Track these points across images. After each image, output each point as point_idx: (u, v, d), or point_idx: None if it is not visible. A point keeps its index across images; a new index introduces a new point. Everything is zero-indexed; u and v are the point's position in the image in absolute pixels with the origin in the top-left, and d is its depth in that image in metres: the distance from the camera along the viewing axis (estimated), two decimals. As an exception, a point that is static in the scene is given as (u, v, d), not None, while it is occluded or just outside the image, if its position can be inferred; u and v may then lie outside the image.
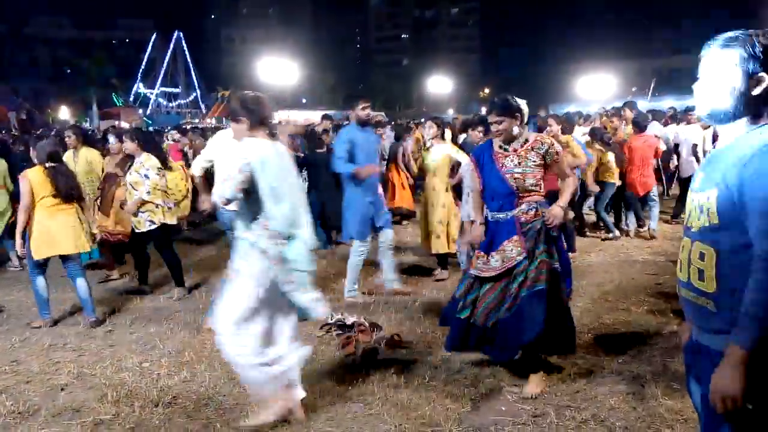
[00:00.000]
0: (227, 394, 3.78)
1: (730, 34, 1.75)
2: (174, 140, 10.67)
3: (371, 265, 6.21)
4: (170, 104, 61.42)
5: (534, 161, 3.66)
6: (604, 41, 57.40)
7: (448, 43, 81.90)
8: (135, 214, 5.91)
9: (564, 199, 3.74)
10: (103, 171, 7.04)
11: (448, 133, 7.54)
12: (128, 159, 6.36)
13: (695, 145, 8.74)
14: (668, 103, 21.40)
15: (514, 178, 3.62)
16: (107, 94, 50.78)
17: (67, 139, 7.39)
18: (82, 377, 4.15)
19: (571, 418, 3.34)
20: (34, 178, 5.10)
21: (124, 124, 36.05)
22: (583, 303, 5.40)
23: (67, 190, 5.17)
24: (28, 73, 55.47)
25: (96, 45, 61.28)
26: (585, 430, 3.23)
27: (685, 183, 9.02)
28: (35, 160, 5.38)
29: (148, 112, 54.90)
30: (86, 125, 35.00)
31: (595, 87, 34.22)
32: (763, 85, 1.70)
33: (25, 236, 5.15)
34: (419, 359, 4.24)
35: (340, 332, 4.68)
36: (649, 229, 7.95)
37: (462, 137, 8.61)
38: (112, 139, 7.27)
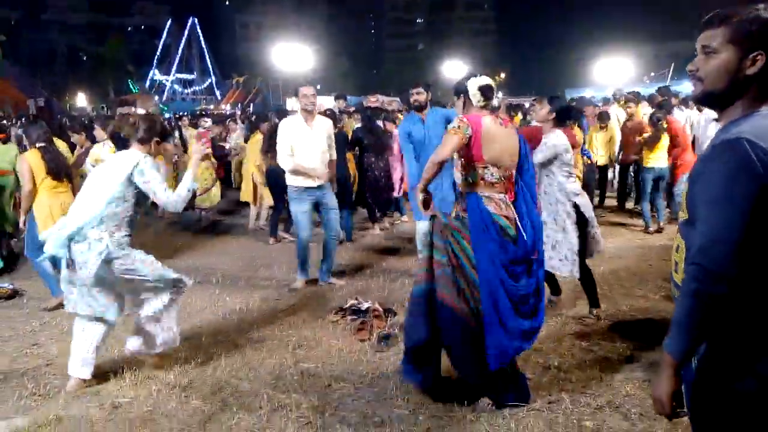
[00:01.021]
0: (243, 378, 3.81)
1: (724, 9, 1.61)
2: (204, 128, 10.69)
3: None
4: (185, 91, 61.66)
5: None
6: (621, 25, 56.51)
7: (464, 26, 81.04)
8: None
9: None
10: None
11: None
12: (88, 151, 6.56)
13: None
14: (687, 87, 21.06)
15: None
16: (123, 80, 51.08)
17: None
18: (101, 360, 4.20)
19: (587, 404, 3.33)
20: (33, 160, 5.26)
21: (140, 111, 36.32)
22: (599, 289, 5.34)
23: (57, 170, 5.31)
24: (45, 60, 55.87)
25: (112, 31, 61.49)
26: (600, 416, 3.21)
27: None
28: (27, 144, 5.53)
29: (164, 98, 55.17)
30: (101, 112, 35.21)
31: (612, 71, 33.78)
32: (759, 65, 1.55)
33: (31, 218, 5.32)
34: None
35: (355, 317, 4.69)
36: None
37: None
38: (71, 133, 7.28)
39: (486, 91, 3.35)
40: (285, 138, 5.53)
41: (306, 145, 5.51)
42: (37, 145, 5.35)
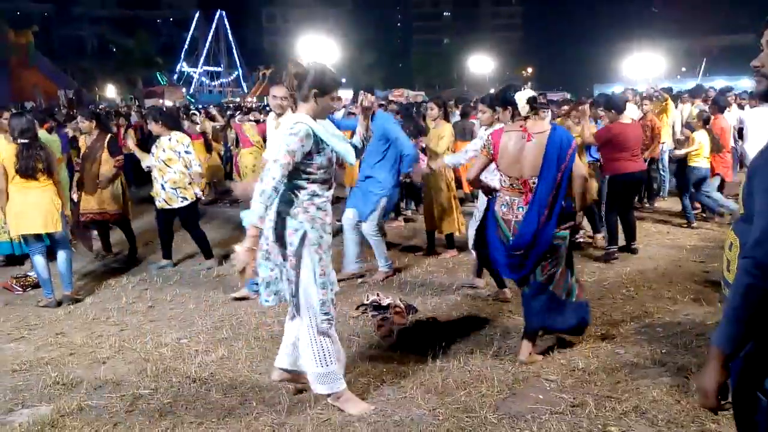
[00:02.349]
0: (264, 372, 3.79)
1: None
2: (257, 121, 10.75)
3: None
4: (213, 83, 62.15)
5: None
6: (652, 19, 55.48)
7: (491, 20, 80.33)
8: (165, 191, 6.03)
9: None
10: (79, 150, 7.02)
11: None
12: (101, 138, 6.54)
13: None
14: (719, 83, 20.58)
15: None
16: (151, 72, 51.67)
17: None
18: (123, 351, 4.24)
19: (612, 409, 3.25)
20: (7, 156, 5.11)
21: (168, 103, 36.75)
22: (626, 290, 5.24)
23: (26, 169, 5.08)
24: (75, 52, 56.75)
25: (140, 24, 62.23)
26: (625, 422, 3.13)
27: None
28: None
29: (191, 90, 55.69)
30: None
31: (643, 66, 33.18)
32: None
33: None
34: (455, 343, 4.18)
35: (376, 314, 4.66)
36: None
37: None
38: (80, 119, 7.13)
39: (532, 102, 3.72)
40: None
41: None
42: (20, 140, 5.12)
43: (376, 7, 72.57)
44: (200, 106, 21.21)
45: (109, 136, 6.73)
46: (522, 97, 3.72)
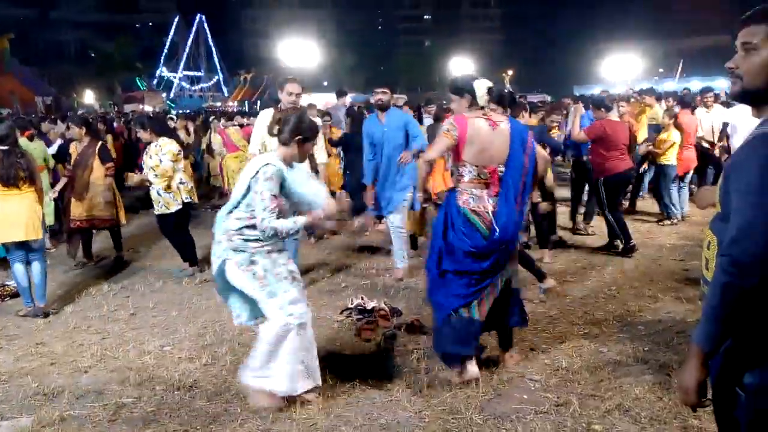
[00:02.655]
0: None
1: (763, 5, 1.61)
2: (241, 125, 10.68)
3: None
4: (193, 87, 61.67)
5: None
6: (630, 21, 56.16)
7: (471, 23, 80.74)
8: (162, 195, 6.05)
9: None
10: (70, 157, 6.95)
11: None
12: (92, 145, 6.53)
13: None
14: (696, 84, 20.89)
15: None
16: (131, 77, 51.15)
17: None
18: (105, 360, 4.19)
19: (595, 407, 3.28)
20: None
21: (148, 108, 36.41)
22: (608, 290, 5.30)
23: (6, 177, 5.00)
24: (54, 57, 56.03)
25: (120, 28, 61.64)
26: (609, 420, 3.16)
27: None
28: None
29: (171, 95, 55.25)
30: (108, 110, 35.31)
31: (621, 68, 33.59)
32: None
33: None
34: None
35: (360, 317, 4.65)
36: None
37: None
38: (71, 125, 7.08)
39: (490, 92, 3.58)
40: (259, 131, 5.21)
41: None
42: (0, 147, 5.04)
43: (357, 10, 72.64)
44: (177, 112, 21.08)
45: (100, 143, 6.66)
46: (481, 85, 3.59)
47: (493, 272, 3.57)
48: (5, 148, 5.06)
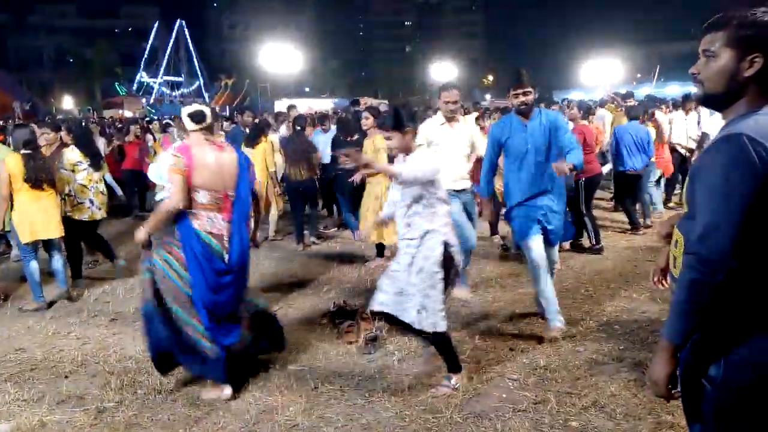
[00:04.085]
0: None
1: (722, 13, 1.67)
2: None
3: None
4: (173, 93, 61.21)
5: None
6: (610, 26, 56.92)
7: (452, 28, 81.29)
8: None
9: None
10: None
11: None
12: (59, 150, 6.41)
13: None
14: (673, 89, 21.25)
15: None
16: (110, 83, 50.70)
17: None
18: (86, 365, 4.18)
19: (572, 405, 3.35)
20: (12, 165, 5.27)
21: (128, 114, 36.09)
22: (585, 290, 5.39)
23: (36, 178, 5.30)
24: (32, 63, 55.36)
25: (99, 34, 61.04)
26: (586, 417, 3.23)
27: None
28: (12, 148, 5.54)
29: (152, 101, 54.81)
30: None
31: (600, 73, 34.00)
32: (756, 67, 1.60)
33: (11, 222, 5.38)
34: (420, 347, 4.24)
35: (342, 320, 4.68)
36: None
37: None
38: (45, 130, 6.92)
39: (195, 117, 3.58)
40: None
41: (449, 148, 5.16)
42: (23, 151, 5.33)
43: (338, 16, 72.83)
44: (157, 117, 20.85)
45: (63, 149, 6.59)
46: (185, 112, 3.62)
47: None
48: (29, 151, 5.36)
